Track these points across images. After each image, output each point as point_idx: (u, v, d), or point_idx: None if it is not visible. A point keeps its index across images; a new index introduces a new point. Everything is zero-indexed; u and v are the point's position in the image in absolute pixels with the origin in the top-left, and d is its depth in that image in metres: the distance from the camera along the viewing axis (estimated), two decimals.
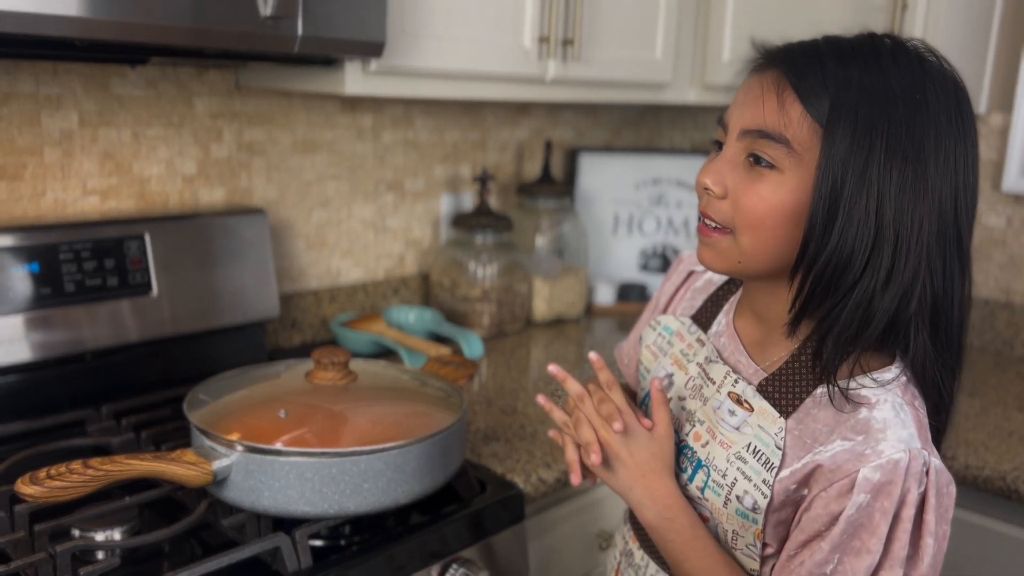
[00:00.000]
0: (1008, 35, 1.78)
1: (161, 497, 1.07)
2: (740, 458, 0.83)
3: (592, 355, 0.90)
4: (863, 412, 0.78)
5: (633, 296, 2.15)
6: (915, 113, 0.74)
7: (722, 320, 0.93)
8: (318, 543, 1.04)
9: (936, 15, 1.57)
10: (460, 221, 1.87)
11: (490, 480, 1.20)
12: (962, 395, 1.61)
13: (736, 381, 0.86)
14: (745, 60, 0.83)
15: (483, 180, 1.87)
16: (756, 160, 0.78)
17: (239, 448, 0.97)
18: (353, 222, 1.80)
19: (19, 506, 1.00)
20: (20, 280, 1.26)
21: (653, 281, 2.22)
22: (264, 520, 1.01)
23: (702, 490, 0.86)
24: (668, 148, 2.42)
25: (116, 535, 0.98)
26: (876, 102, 0.74)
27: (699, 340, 0.94)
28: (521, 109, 2.09)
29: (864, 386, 0.79)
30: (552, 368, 0.89)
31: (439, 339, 1.78)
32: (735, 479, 0.83)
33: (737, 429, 0.84)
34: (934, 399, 0.82)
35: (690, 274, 1.02)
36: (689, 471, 0.87)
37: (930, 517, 0.76)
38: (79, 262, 1.31)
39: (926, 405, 0.82)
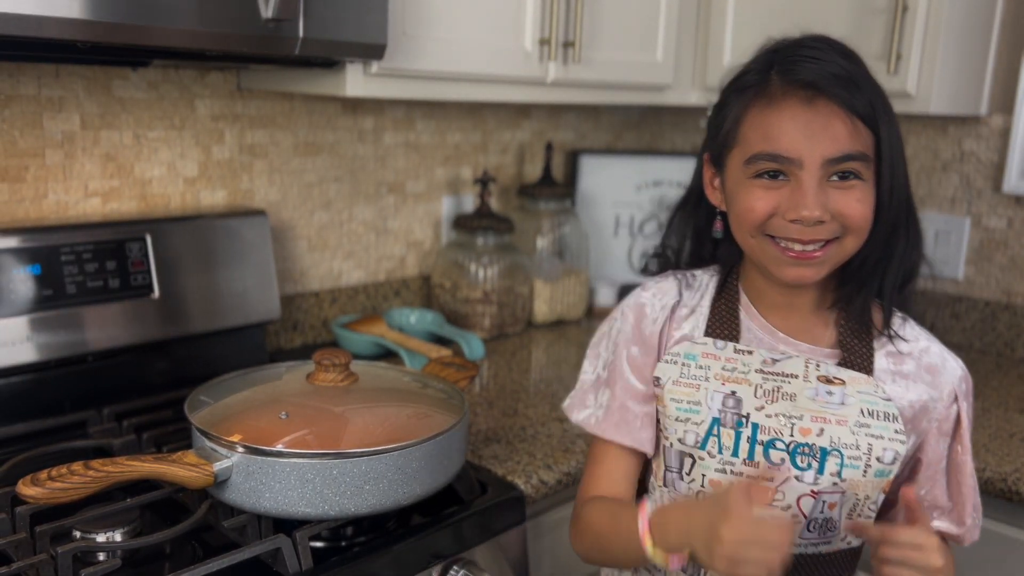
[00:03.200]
0: (1008, 37, 1.78)
1: (162, 498, 1.07)
2: (862, 425, 0.91)
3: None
4: (922, 344, 0.97)
5: None
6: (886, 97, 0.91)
7: (749, 325, 0.99)
8: (319, 544, 1.04)
9: (936, 17, 1.57)
10: (461, 223, 1.87)
11: (491, 481, 1.20)
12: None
13: (817, 365, 0.94)
14: (754, 88, 0.92)
15: (484, 182, 1.87)
16: (843, 176, 0.88)
17: (240, 449, 0.97)
18: (354, 224, 1.80)
19: (20, 507, 1.00)
20: (22, 282, 1.26)
21: None
22: (265, 521, 1.01)
23: (839, 474, 0.91)
24: (669, 150, 2.43)
25: (117, 536, 0.98)
26: (881, 96, 0.90)
27: (737, 351, 0.96)
28: (522, 111, 2.09)
29: (902, 330, 0.97)
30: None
31: (440, 341, 1.78)
32: (869, 444, 0.91)
33: (843, 404, 0.92)
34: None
35: (675, 307, 1.02)
36: (815, 465, 0.91)
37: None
38: (81, 264, 1.31)
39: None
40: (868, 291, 0.94)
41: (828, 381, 0.92)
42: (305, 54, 1.18)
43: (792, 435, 0.91)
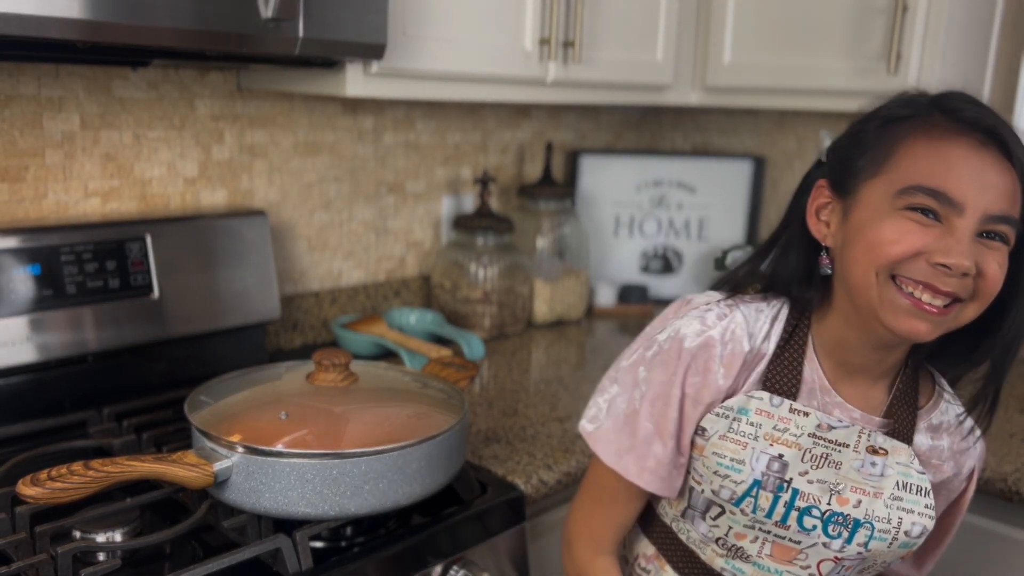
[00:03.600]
0: (1009, 37, 1.78)
1: (162, 498, 1.07)
2: (896, 498, 0.90)
3: None
4: (963, 421, 0.96)
5: (634, 298, 2.15)
6: None
7: (810, 383, 0.91)
8: (319, 544, 1.05)
9: (937, 17, 1.57)
10: (461, 223, 1.87)
11: (491, 481, 1.20)
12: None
13: (869, 435, 0.91)
14: (914, 119, 0.85)
15: (484, 182, 1.87)
16: (990, 236, 0.81)
17: (240, 449, 0.97)
18: (354, 224, 1.80)
19: (20, 507, 1.00)
20: (22, 282, 1.26)
21: (654, 283, 2.22)
22: (265, 521, 1.01)
23: (865, 545, 0.90)
24: (669, 150, 2.43)
25: (117, 536, 0.98)
26: None
27: (793, 411, 0.90)
28: (522, 111, 2.09)
29: (944, 403, 0.97)
30: None
31: (440, 341, 1.78)
32: (899, 519, 0.89)
33: (882, 476, 0.90)
34: None
35: (745, 357, 0.91)
36: (845, 535, 0.89)
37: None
38: (80, 264, 1.31)
39: None
40: (977, 372, 0.92)
41: (874, 452, 0.90)
42: (305, 54, 1.18)
43: (829, 504, 0.89)
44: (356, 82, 1.35)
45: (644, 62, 1.79)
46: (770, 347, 0.92)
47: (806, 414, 0.90)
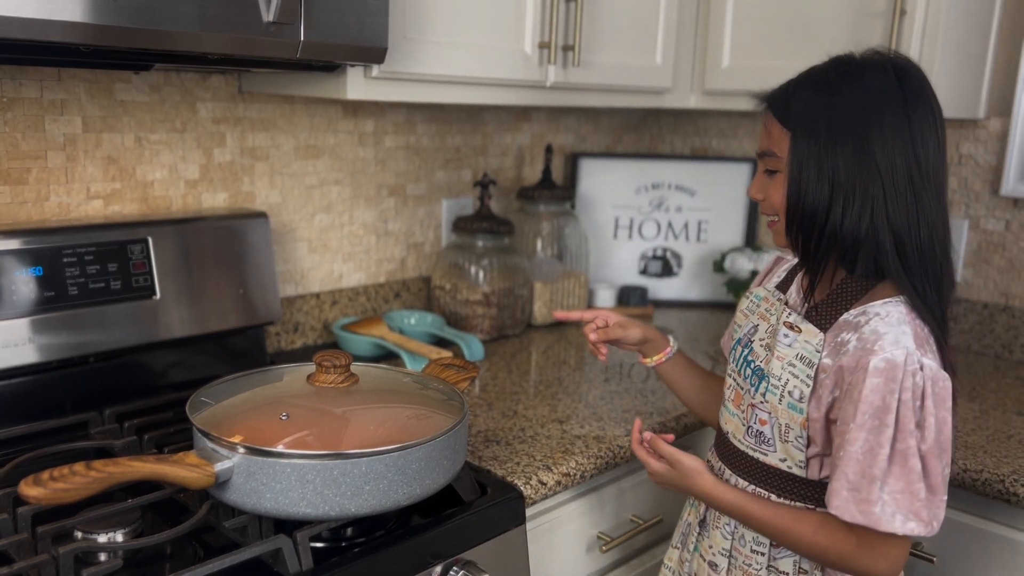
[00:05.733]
0: (1006, 41, 1.79)
1: (163, 499, 1.07)
2: (791, 364, 1.09)
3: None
4: (873, 323, 1.03)
5: (633, 299, 2.15)
6: (855, 108, 1.01)
7: (795, 282, 1.22)
8: (319, 545, 1.05)
9: (934, 21, 1.58)
10: (461, 225, 1.87)
11: (491, 482, 1.20)
12: (961, 399, 1.61)
13: (788, 313, 1.14)
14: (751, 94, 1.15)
15: (484, 184, 1.88)
16: (768, 171, 1.10)
17: (241, 450, 0.98)
18: (355, 226, 1.81)
19: (22, 508, 1.01)
20: (24, 283, 1.26)
21: (653, 285, 2.23)
22: (266, 522, 1.02)
23: (764, 395, 1.11)
24: (668, 153, 2.43)
25: (118, 537, 0.99)
26: (820, 105, 1.03)
27: (779, 299, 1.19)
28: (522, 114, 2.10)
29: (873, 308, 1.05)
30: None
31: (440, 342, 1.79)
32: (787, 379, 1.09)
33: (789, 346, 1.10)
34: (932, 324, 1.06)
35: (777, 259, 1.29)
36: (756, 384, 1.13)
37: (928, 403, 0.98)
38: (82, 265, 1.32)
39: (932, 329, 1.06)
40: (817, 263, 1.08)
41: (790, 327, 1.12)
42: (306, 58, 1.18)
43: (760, 359, 1.13)
44: (357, 85, 1.35)
45: (643, 66, 1.80)
46: (787, 265, 1.25)
47: (782, 301, 1.18)
